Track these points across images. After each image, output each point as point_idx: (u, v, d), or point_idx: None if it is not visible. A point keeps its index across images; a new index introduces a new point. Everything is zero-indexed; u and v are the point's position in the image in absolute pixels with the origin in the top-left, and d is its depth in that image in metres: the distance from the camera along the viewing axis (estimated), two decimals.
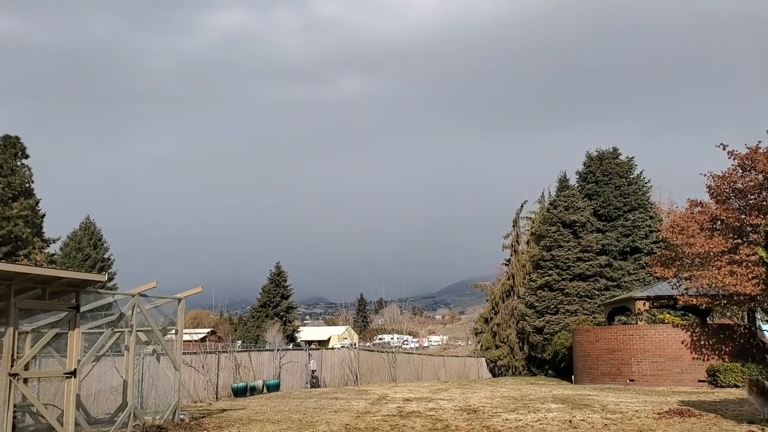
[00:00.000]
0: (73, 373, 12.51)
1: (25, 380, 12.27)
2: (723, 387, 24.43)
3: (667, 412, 15.76)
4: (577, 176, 48.27)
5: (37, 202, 47.72)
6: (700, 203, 26.07)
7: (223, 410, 18.82)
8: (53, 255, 48.54)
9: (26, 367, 12.83)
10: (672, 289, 27.76)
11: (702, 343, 26.79)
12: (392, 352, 43.69)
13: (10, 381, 11.47)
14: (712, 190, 25.15)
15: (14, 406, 11.77)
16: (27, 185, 47.18)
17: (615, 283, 42.34)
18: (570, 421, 14.51)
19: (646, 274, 40.42)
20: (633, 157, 46.99)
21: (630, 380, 27.47)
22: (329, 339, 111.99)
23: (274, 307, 67.76)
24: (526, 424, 14.31)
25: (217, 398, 25.32)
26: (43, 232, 48.17)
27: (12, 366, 11.55)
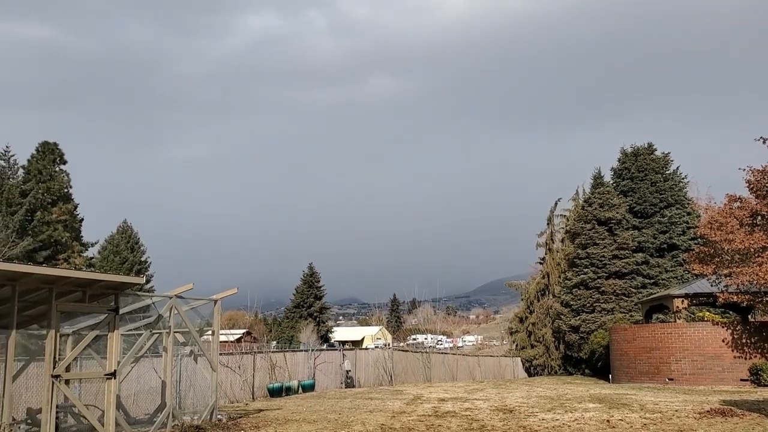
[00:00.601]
0: (113, 375, 12.72)
1: (67, 381, 12.51)
2: (766, 386, 23.92)
3: (708, 411, 15.47)
4: (612, 173, 47.68)
5: (75, 207, 48.70)
6: (739, 198, 25.49)
7: (260, 410, 18.97)
8: (91, 258, 49.49)
9: (67, 369, 13.09)
10: (711, 286, 27.25)
11: (744, 341, 26.24)
12: (426, 352, 43.62)
13: (53, 382, 11.71)
14: (751, 185, 24.58)
15: (57, 406, 12.00)
16: (65, 190, 48.18)
17: (652, 280, 41.71)
18: (608, 421, 14.32)
19: (684, 271, 39.76)
20: (669, 153, 46.32)
21: (669, 379, 27.04)
22: (363, 339, 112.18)
23: (308, 308, 68.16)
24: (563, 423, 14.16)
25: (253, 398, 25.52)
26: (82, 236, 49.16)
27: (54, 368, 11.79)
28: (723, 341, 26.45)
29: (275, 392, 26.59)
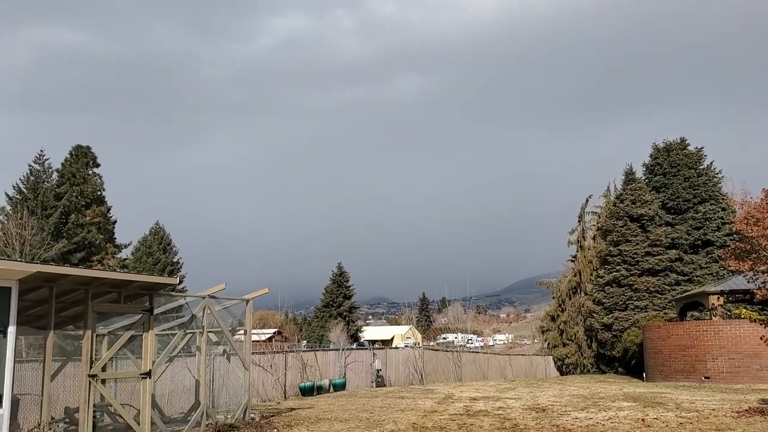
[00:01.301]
0: (148, 374, 12.89)
1: (103, 381, 12.71)
2: None
3: (746, 410, 15.18)
4: (644, 169, 47.02)
5: (109, 209, 49.50)
6: None
7: (292, 409, 19.07)
8: (125, 260, 50.25)
9: (104, 369, 13.30)
10: (748, 282, 26.66)
11: None
12: (457, 351, 43.49)
13: (90, 382, 11.89)
14: None
15: (94, 406, 12.19)
16: (98, 193, 48.99)
17: (686, 277, 41.05)
18: (643, 420, 14.12)
19: (719, 267, 39.04)
20: (702, 148, 45.48)
21: (705, 377, 26.59)
22: (392, 338, 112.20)
23: (337, 307, 68.37)
24: (597, 422, 14.00)
25: (285, 397, 25.68)
26: (115, 238, 49.94)
27: (91, 368, 11.98)
28: (761, 339, 25.78)
29: (307, 391, 26.72)
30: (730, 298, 29.46)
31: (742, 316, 30.95)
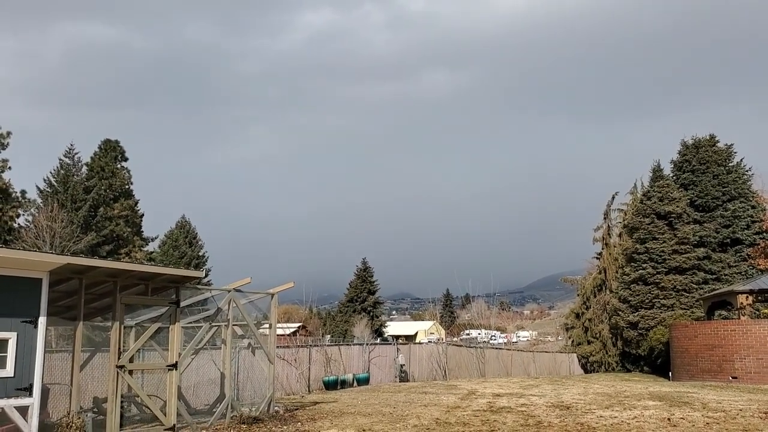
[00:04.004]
0: (175, 366, 13.06)
1: (131, 372, 12.90)
2: None
3: None
4: (672, 165, 46.42)
5: (136, 203, 50.11)
6: None
7: (316, 403, 19.19)
8: (151, 253, 50.86)
9: (131, 360, 13.50)
10: None
11: None
12: (480, 347, 43.38)
13: (117, 373, 12.09)
14: None
15: (121, 396, 12.38)
16: (126, 187, 49.62)
17: (714, 276, 40.50)
18: (669, 419, 13.99)
19: (748, 266, 38.52)
20: (732, 145, 44.77)
21: (732, 377, 26.25)
22: (416, 334, 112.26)
23: (362, 302, 68.52)
24: (622, 421, 13.89)
25: (309, 391, 25.83)
26: (142, 231, 50.56)
27: (119, 359, 12.17)
28: None
29: (330, 385, 26.85)
30: (759, 298, 29.05)
31: None
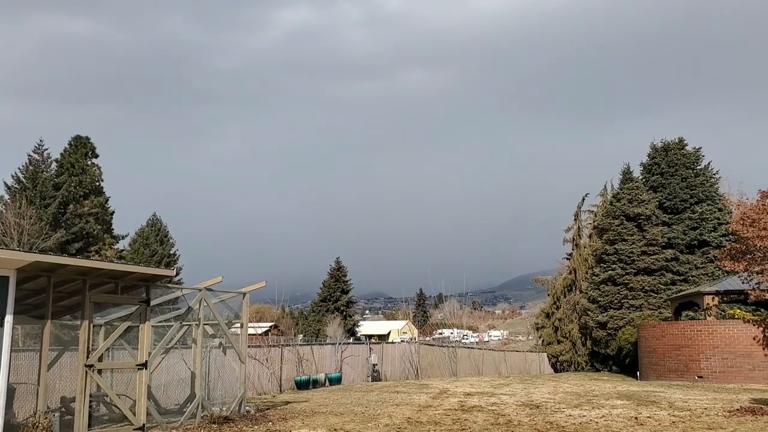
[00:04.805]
0: (145, 365, 12.96)
1: (100, 371, 12.76)
2: None
3: (738, 410, 15.28)
4: (642, 168, 47.05)
5: (107, 200, 49.47)
6: None
7: (287, 402, 19.16)
8: (122, 251, 50.27)
9: (100, 359, 13.35)
10: (742, 283, 26.86)
11: None
12: (452, 346, 43.61)
13: (86, 372, 11.96)
14: None
15: (90, 396, 12.25)
16: (97, 183, 48.96)
17: (682, 277, 41.17)
18: (636, 418, 14.22)
19: (714, 268, 39.18)
20: (700, 148, 45.52)
21: (698, 377, 26.73)
22: (389, 333, 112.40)
23: (335, 302, 68.45)
24: (590, 420, 14.09)
25: (280, 390, 25.76)
26: (113, 229, 49.93)
27: (87, 357, 12.04)
28: (754, 339, 26.07)
29: (302, 385, 26.81)
30: (725, 299, 29.60)
31: (736, 317, 31.23)
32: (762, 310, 32.95)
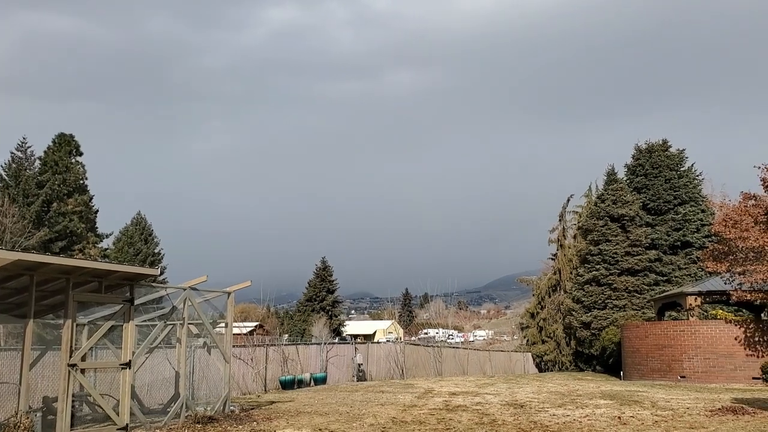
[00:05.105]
0: (128, 365, 12.88)
1: (83, 371, 12.68)
2: None
3: (719, 409, 15.44)
4: (626, 169, 47.37)
5: (91, 198, 49.06)
6: (754, 196, 25.33)
7: (272, 402, 19.12)
8: (106, 250, 49.89)
9: (83, 359, 13.26)
10: (725, 284, 27.12)
11: (756, 339, 26.12)
12: (438, 346, 43.68)
13: (69, 371, 11.87)
14: (766, 183, 24.43)
15: (72, 395, 12.16)
16: (81, 182, 48.54)
17: (665, 278, 41.50)
18: (619, 418, 14.33)
19: (697, 268, 39.53)
20: (684, 150, 45.92)
21: (681, 377, 26.96)
22: (374, 333, 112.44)
23: (320, 302, 68.38)
24: (574, 419, 14.18)
25: (265, 390, 25.70)
26: (97, 228, 49.54)
27: (70, 357, 11.95)
28: (736, 339, 26.34)
29: (287, 384, 26.76)
30: (707, 299, 29.87)
31: (719, 317, 31.54)
32: (744, 310, 33.31)
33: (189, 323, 15.27)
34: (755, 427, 12.76)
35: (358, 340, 48.04)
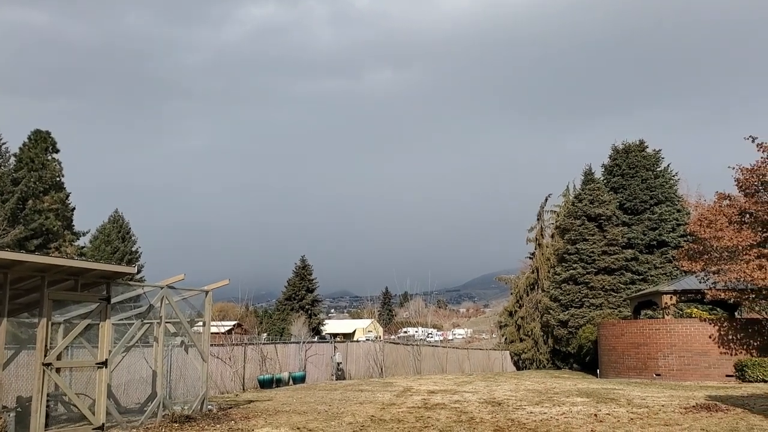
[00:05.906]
0: (105, 364, 12.77)
1: (58, 370, 12.54)
2: (751, 382, 24.17)
3: (693, 406, 15.65)
4: (603, 169, 47.85)
5: (68, 196, 48.49)
6: (729, 196, 25.70)
7: (250, 401, 19.06)
8: (83, 248, 49.34)
9: (59, 358, 13.12)
10: (700, 283, 27.47)
11: (730, 337, 26.50)
12: (417, 345, 43.79)
13: (44, 370, 11.74)
14: (740, 183, 24.79)
15: (47, 395, 12.03)
16: (57, 179, 47.95)
17: (641, 276, 41.98)
18: (595, 415, 14.48)
19: (673, 267, 40.03)
20: (660, 150, 46.49)
21: (656, 375, 27.28)
22: (354, 332, 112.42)
23: (300, 300, 68.18)
24: (551, 417, 14.30)
25: (243, 389, 25.61)
26: (73, 226, 48.97)
27: (45, 356, 11.82)
28: (710, 337, 26.70)
29: (266, 384, 26.68)
30: (683, 298, 30.25)
31: (693, 316, 32.00)
32: (718, 309, 33.80)
33: (166, 322, 15.17)
34: (728, 423, 12.96)
35: (338, 339, 48.03)
